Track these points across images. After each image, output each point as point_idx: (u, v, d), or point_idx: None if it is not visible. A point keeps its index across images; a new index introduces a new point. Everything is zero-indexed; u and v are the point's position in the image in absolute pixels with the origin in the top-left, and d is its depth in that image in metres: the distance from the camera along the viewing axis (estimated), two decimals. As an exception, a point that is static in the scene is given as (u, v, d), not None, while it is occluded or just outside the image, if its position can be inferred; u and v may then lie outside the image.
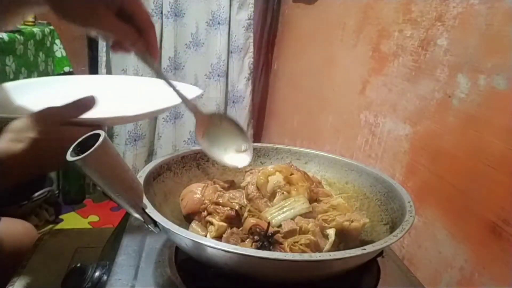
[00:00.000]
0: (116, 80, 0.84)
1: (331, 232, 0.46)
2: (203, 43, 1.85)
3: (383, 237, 0.39)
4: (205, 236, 0.48)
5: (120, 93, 0.75)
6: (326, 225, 0.47)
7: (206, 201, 0.51)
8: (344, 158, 0.61)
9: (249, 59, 1.93)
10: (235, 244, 0.43)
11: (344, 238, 0.47)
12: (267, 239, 0.44)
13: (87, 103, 0.54)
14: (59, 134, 0.50)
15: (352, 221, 0.47)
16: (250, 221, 0.46)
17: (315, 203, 0.51)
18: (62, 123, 0.51)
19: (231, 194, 0.52)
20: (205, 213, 0.51)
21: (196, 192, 0.53)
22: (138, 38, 0.51)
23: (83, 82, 0.82)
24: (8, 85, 0.68)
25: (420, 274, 0.69)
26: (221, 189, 0.54)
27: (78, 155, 0.34)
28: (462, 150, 0.64)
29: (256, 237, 0.44)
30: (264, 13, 1.88)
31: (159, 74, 0.54)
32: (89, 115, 0.54)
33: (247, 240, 0.45)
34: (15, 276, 0.68)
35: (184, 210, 0.53)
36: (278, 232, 0.45)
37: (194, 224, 0.51)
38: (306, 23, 1.51)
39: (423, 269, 0.71)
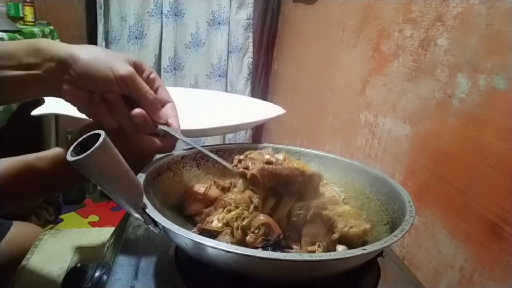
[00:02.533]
0: (190, 92, 0.83)
1: (340, 249, 0.46)
2: (204, 43, 1.86)
3: (383, 237, 0.39)
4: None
5: (193, 106, 0.73)
6: (335, 236, 0.46)
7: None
8: (344, 158, 0.61)
9: (248, 59, 1.94)
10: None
11: (347, 245, 0.47)
12: (279, 245, 0.43)
13: None
14: (126, 139, 0.49)
15: (351, 227, 0.47)
16: (261, 218, 0.46)
17: (320, 211, 0.51)
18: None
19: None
20: (207, 210, 0.51)
21: (199, 193, 0.53)
22: (146, 121, 0.49)
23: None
24: None
25: (420, 274, 0.69)
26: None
27: (78, 155, 0.34)
28: (462, 150, 0.64)
29: (266, 242, 0.44)
30: (264, 13, 1.88)
31: (188, 143, 0.52)
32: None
33: (250, 235, 0.45)
34: (15, 276, 0.68)
35: (186, 211, 0.53)
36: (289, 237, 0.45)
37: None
38: (306, 23, 1.51)
39: (423, 269, 0.71)
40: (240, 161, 0.49)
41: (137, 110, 0.47)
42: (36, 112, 0.60)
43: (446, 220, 0.67)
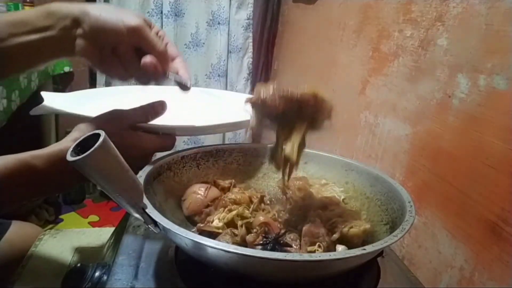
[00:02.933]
0: (192, 92, 0.84)
1: (340, 249, 0.46)
2: (203, 43, 1.86)
3: (383, 237, 0.39)
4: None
5: (194, 105, 0.74)
6: (335, 237, 0.46)
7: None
8: (344, 158, 0.61)
9: (248, 59, 1.93)
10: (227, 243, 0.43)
11: (347, 245, 0.47)
12: (278, 243, 0.44)
13: (157, 108, 0.53)
14: (124, 138, 0.49)
15: (351, 227, 0.47)
16: (260, 219, 0.46)
17: (320, 211, 0.51)
18: (129, 127, 0.50)
19: None
20: (207, 210, 0.51)
21: (198, 193, 0.53)
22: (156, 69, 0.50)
23: (159, 92, 0.81)
24: (79, 93, 0.69)
25: (420, 274, 0.69)
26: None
27: (78, 155, 0.34)
28: (462, 150, 0.64)
29: (265, 240, 0.44)
30: (264, 13, 1.88)
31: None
32: (159, 122, 0.53)
33: (252, 234, 0.45)
34: (15, 276, 0.68)
35: (186, 211, 0.53)
36: (285, 233, 0.45)
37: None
38: (306, 23, 1.51)
39: (423, 269, 0.71)
40: (251, 98, 0.48)
41: (148, 58, 0.48)
42: (34, 111, 0.59)
43: (446, 220, 0.67)
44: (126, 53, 0.49)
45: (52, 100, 0.64)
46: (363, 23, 1.03)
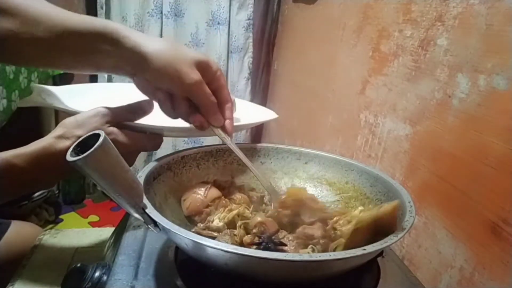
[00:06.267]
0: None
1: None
2: (203, 43, 1.86)
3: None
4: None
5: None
6: (336, 233, 0.46)
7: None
8: (344, 158, 0.61)
9: (248, 59, 1.94)
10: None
11: (376, 233, 0.41)
12: (271, 241, 0.44)
13: (144, 107, 0.52)
14: (108, 134, 0.47)
15: (381, 206, 0.42)
16: (257, 219, 0.46)
17: (319, 212, 0.51)
18: (114, 124, 0.49)
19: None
20: (207, 209, 0.51)
21: (198, 193, 0.53)
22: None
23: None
24: (71, 87, 0.69)
25: (420, 274, 0.69)
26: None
27: (78, 155, 0.34)
28: (462, 150, 0.64)
29: (260, 239, 0.44)
30: (264, 13, 1.88)
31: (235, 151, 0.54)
32: (146, 121, 0.53)
33: (249, 235, 0.45)
34: (15, 276, 0.68)
35: (186, 211, 0.53)
36: (278, 231, 0.45)
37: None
38: (306, 23, 1.51)
39: (423, 269, 0.71)
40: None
41: (198, 117, 0.52)
42: (22, 103, 0.57)
43: (446, 220, 0.67)
44: (178, 99, 0.51)
45: (42, 93, 0.62)
46: (363, 23, 1.03)
